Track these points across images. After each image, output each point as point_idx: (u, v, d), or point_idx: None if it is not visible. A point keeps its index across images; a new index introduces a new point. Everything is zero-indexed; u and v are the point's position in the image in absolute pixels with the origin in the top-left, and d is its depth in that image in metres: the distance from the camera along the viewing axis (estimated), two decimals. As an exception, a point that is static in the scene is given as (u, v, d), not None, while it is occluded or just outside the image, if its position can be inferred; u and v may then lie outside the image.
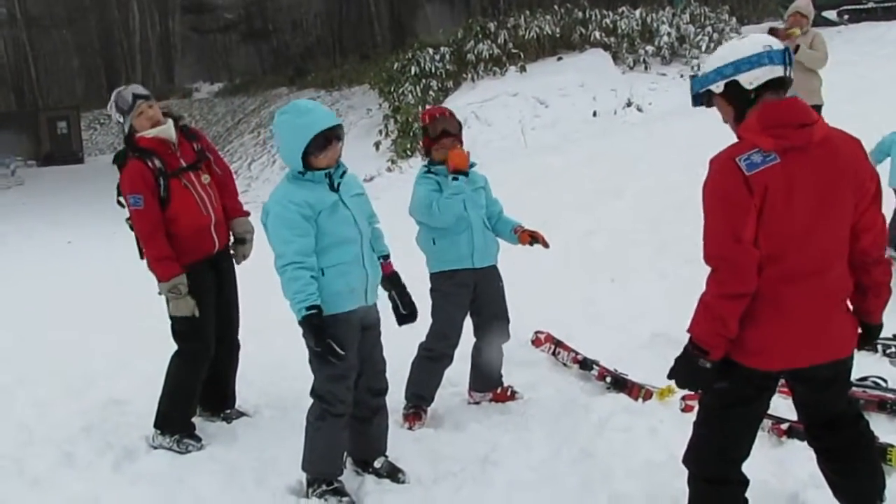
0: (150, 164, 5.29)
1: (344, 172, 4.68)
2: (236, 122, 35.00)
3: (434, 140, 5.58)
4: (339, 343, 4.41)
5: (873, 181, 3.38)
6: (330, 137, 4.49)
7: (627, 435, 4.98)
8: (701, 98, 3.52)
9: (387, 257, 4.98)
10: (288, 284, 4.40)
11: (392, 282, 4.96)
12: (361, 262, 4.61)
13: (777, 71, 3.32)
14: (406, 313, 4.98)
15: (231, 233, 5.75)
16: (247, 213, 5.86)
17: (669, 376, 3.50)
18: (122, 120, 5.43)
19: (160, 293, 5.37)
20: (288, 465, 4.88)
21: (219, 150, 5.86)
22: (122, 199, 5.38)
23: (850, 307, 3.53)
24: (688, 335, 3.40)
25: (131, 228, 5.41)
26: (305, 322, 4.38)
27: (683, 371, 3.43)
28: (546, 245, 5.75)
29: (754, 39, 3.38)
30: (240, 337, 5.90)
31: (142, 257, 5.43)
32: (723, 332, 3.29)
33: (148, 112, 5.39)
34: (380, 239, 4.96)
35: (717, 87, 3.41)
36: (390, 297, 4.95)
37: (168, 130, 5.41)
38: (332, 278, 4.50)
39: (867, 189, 3.36)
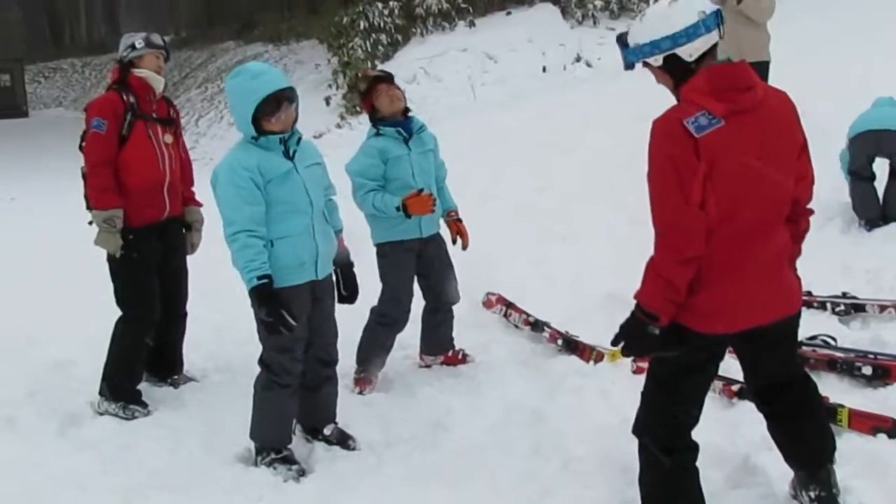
0: (124, 97, 5.26)
1: (299, 139, 4.57)
2: (183, 76, 34.50)
3: (370, 93, 5.46)
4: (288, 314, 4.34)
5: (802, 133, 3.41)
6: (281, 100, 4.37)
7: (579, 397, 4.97)
8: (633, 65, 3.48)
9: (339, 232, 4.88)
10: (239, 253, 4.29)
11: (340, 259, 4.84)
12: (311, 235, 4.51)
13: (713, 38, 3.28)
14: (346, 294, 4.91)
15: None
16: (199, 204, 5.76)
17: (614, 343, 3.42)
18: (127, 54, 5.35)
19: (91, 223, 5.27)
20: (236, 432, 4.80)
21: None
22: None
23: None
24: (634, 301, 3.35)
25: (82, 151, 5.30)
26: (256, 292, 4.28)
27: (631, 337, 3.36)
28: (465, 248, 5.76)
29: (686, 6, 3.26)
30: (189, 302, 5.80)
31: (89, 207, 5.29)
32: (673, 298, 3.24)
33: (157, 61, 5.41)
34: (334, 212, 4.87)
35: (656, 61, 3.35)
36: (334, 274, 4.83)
37: (159, 82, 5.40)
38: (281, 251, 4.40)
39: (798, 141, 3.39)
